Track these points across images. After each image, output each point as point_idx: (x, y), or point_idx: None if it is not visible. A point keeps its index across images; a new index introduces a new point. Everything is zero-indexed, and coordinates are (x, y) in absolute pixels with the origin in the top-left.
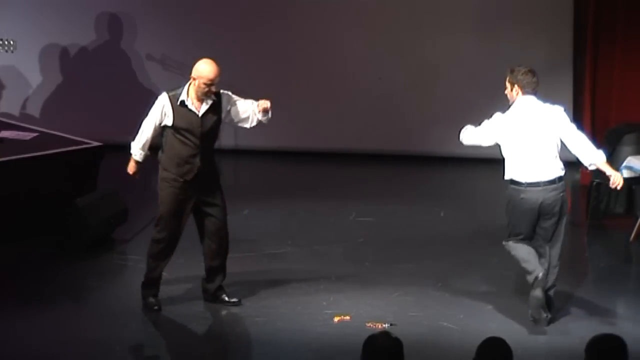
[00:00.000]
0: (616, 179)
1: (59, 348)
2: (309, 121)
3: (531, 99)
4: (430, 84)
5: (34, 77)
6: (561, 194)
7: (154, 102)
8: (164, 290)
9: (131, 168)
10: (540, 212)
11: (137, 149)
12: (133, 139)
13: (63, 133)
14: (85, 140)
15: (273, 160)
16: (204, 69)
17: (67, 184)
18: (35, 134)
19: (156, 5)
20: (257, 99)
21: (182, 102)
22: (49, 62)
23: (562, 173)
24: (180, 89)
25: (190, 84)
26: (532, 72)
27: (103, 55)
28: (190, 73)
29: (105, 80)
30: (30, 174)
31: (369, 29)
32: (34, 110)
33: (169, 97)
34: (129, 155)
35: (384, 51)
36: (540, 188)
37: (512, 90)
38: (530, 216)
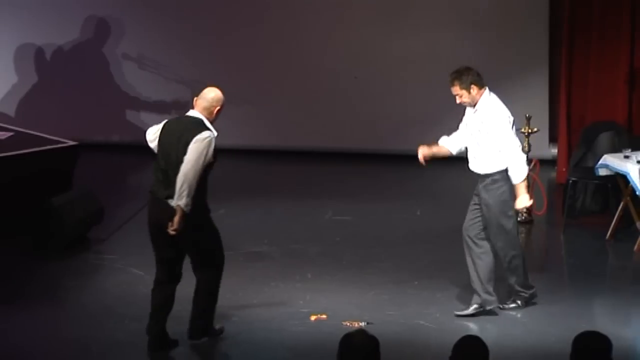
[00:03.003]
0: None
1: (35, 347)
2: (285, 120)
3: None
4: (406, 83)
5: (10, 77)
6: None
7: (130, 102)
8: (140, 290)
9: None
10: None
11: None
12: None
13: (38, 132)
14: (61, 140)
15: (249, 159)
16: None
17: (42, 183)
18: (10, 134)
19: (132, 5)
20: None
21: None
22: (25, 62)
23: None
24: (208, 125)
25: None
26: None
27: (79, 55)
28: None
29: (81, 79)
30: (5, 174)
31: (345, 28)
32: (10, 109)
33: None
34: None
35: (360, 50)
36: None
37: (470, 92)
38: None
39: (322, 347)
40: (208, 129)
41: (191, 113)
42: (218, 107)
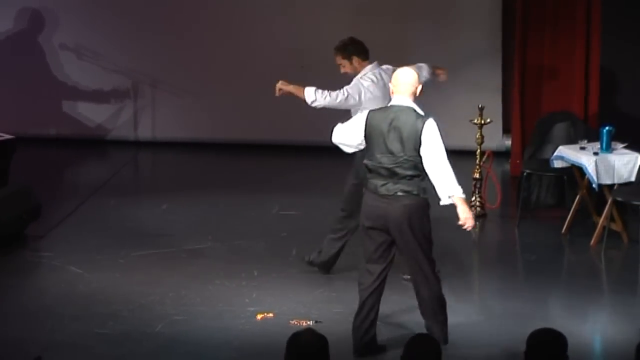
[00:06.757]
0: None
1: None
2: (228, 113)
3: None
4: None
5: None
6: None
7: (67, 93)
8: (79, 289)
9: None
10: None
11: None
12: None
13: None
14: None
15: (192, 153)
16: None
17: None
18: None
19: None
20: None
21: None
22: None
23: None
24: (419, 110)
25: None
26: None
27: (15, 46)
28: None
29: (17, 71)
30: None
31: (290, 18)
32: None
33: None
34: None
35: (306, 41)
36: None
37: (351, 63)
38: None
39: (269, 346)
40: (422, 113)
41: (398, 102)
42: (419, 86)
